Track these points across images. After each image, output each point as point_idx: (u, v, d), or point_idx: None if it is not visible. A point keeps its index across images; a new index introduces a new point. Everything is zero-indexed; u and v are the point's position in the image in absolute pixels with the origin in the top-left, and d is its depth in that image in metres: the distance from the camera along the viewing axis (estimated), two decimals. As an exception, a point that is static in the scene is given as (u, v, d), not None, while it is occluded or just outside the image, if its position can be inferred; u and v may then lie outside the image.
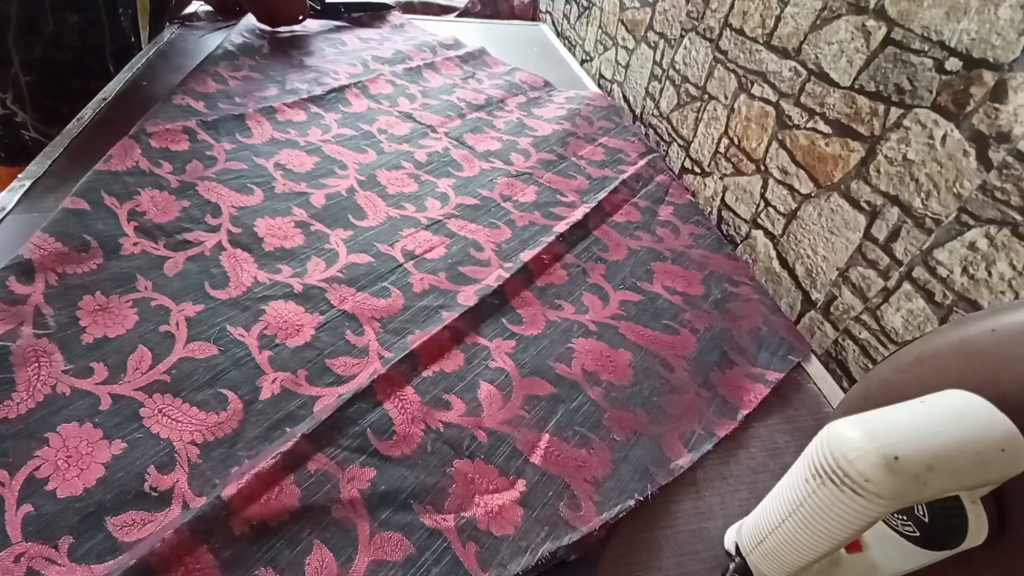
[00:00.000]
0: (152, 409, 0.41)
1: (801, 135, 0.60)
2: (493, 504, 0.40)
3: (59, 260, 0.49)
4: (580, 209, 0.69)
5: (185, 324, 0.48)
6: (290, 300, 0.52)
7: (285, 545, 0.36)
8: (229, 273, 0.53)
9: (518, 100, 0.97)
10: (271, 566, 0.35)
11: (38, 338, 0.44)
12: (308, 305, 0.52)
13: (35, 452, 0.38)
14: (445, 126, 0.85)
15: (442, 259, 0.60)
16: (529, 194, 0.73)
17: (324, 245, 0.59)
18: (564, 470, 0.43)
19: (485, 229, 0.65)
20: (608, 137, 0.89)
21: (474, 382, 0.48)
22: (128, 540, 0.35)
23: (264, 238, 0.58)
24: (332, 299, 0.53)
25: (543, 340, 0.53)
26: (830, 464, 0.25)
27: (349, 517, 0.38)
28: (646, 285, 0.61)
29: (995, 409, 0.25)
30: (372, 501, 0.39)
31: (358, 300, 0.53)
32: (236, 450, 0.40)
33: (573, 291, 0.59)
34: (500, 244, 0.64)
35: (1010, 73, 0.40)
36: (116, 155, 0.61)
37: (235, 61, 0.89)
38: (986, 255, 0.42)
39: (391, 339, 0.50)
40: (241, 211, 0.60)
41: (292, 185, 0.66)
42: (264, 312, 0.50)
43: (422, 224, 0.64)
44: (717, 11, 0.74)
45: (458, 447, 0.43)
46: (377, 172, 0.71)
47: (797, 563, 0.30)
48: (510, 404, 0.47)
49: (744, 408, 0.50)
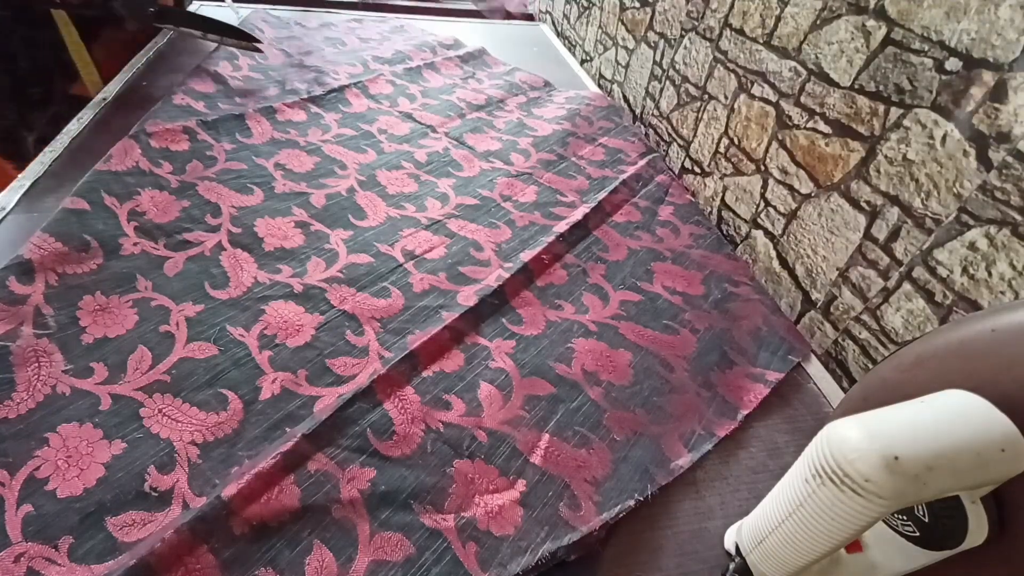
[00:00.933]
0: (152, 409, 0.42)
1: (801, 135, 0.60)
2: (493, 504, 0.40)
3: (59, 260, 0.49)
4: (580, 209, 0.69)
5: (185, 324, 0.48)
6: (290, 300, 0.52)
7: (285, 545, 0.36)
8: (229, 273, 0.53)
9: (518, 100, 0.97)
10: (271, 566, 0.35)
11: (38, 338, 0.44)
12: (308, 305, 0.52)
13: (35, 452, 0.38)
14: (445, 126, 0.85)
15: (442, 259, 0.60)
16: (529, 194, 0.73)
17: (324, 245, 0.59)
18: (564, 470, 0.43)
19: (485, 229, 0.65)
20: (608, 137, 0.89)
21: (474, 382, 0.48)
22: (128, 540, 0.35)
23: (264, 238, 0.58)
24: (332, 299, 0.53)
25: (543, 340, 0.53)
26: (830, 464, 0.25)
27: (349, 517, 0.38)
28: (646, 285, 0.62)
29: (995, 409, 0.25)
30: (372, 501, 0.39)
31: (358, 300, 0.53)
32: (236, 450, 0.41)
33: (573, 291, 0.59)
34: (500, 244, 0.64)
35: (1010, 73, 0.40)
36: (116, 155, 0.61)
37: (235, 61, 0.89)
38: (986, 255, 0.42)
39: (391, 339, 0.50)
40: (241, 211, 0.60)
41: (292, 185, 0.66)
42: (264, 312, 0.50)
43: (422, 224, 0.64)
44: (717, 11, 0.74)
45: (458, 447, 0.43)
46: (377, 172, 0.71)
47: (797, 563, 0.30)
48: (510, 404, 0.47)
49: (744, 408, 0.50)
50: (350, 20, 1.18)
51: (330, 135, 0.77)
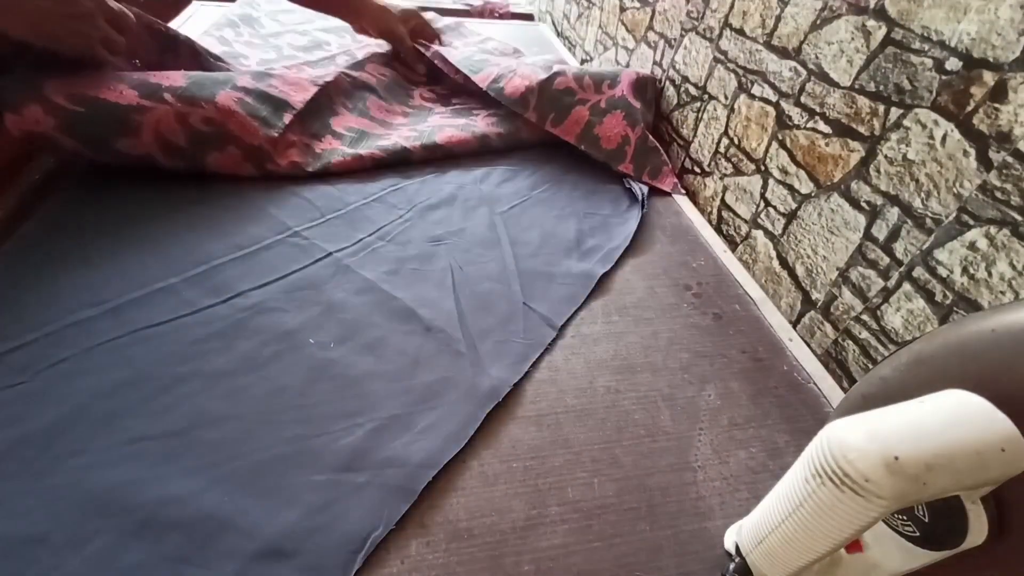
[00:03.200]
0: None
1: (801, 135, 0.60)
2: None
3: None
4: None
5: None
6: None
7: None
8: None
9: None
10: None
11: None
12: None
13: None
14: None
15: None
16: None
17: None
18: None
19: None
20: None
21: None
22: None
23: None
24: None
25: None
26: (830, 464, 0.25)
27: None
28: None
29: (995, 409, 0.25)
30: None
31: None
32: None
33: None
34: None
35: (1010, 73, 0.40)
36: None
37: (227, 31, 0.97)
38: (986, 255, 0.42)
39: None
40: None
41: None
42: None
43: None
44: (717, 11, 0.74)
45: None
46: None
47: (797, 563, 0.30)
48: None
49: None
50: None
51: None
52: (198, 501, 0.37)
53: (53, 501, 0.36)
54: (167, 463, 0.39)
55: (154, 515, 0.36)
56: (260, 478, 0.39)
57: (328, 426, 0.43)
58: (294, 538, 0.36)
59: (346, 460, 0.41)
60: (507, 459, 0.44)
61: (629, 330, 0.57)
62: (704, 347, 0.56)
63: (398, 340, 0.51)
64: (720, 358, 0.55)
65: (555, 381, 0.50)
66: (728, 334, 0.58)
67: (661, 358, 0.54)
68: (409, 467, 0.41)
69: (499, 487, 0.42)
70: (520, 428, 0.46)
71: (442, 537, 0.38)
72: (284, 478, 0.39)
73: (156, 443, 0.40)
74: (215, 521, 0.36)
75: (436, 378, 0.48)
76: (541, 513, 0.41)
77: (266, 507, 0.37)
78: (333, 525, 0.37)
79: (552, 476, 0.43)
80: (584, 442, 0.46)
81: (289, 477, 0.39)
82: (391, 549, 0.37)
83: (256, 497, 0.38)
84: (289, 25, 1.10)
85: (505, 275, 0.59)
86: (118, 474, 0.38)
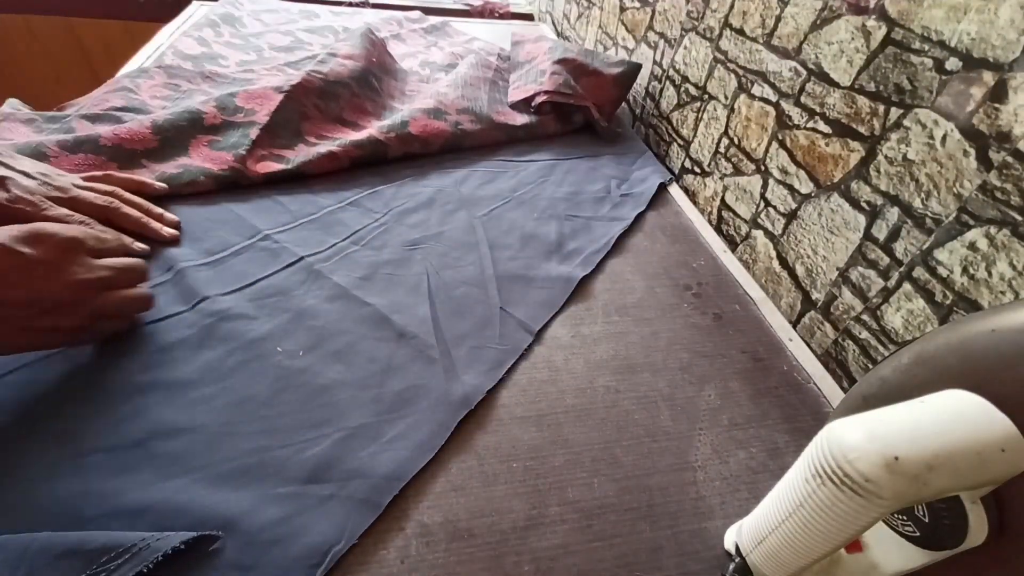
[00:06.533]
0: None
1: (801, 135, 0.60)
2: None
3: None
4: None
5: None
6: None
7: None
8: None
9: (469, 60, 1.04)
10: None
11: None
12: None
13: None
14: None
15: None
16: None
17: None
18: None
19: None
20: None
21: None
22: None
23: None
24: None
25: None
26: (830, 464, 0.25)
27: None
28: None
29: (995, 409, 0.25)
30: None
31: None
32: None
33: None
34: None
35: (1010, 73, 0.40)
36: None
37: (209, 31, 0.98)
38: (986, 255, 0.42)
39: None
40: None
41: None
42: None
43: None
44: (717, 11, 0.74)
45: None
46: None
47: (797, 563, 0.30)
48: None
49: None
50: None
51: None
52: (152, 515, 0.35)
53: (1, 514, 0.34)
54: (120, 475, 0.37)
55: (105, 528, 0.34)
56: (219, 491, 0.37)
57: (293, 437, 0.41)
58: (252, 552, 0.35)
59: (311, 471, 0.39)
60: (507, 459, 0.44)
61: (629, 330, 0.57)
62: (704, 347, 0.56)
63: (369, 347, 0.49)
64: (720, 358, 0.55)
65: (555, 381, 0.50)
66: (728, 334, 0.58)
67: (661, 358, 0.54)
68: (375, 478, 0.40)
69: (499, 487, 0.42)
70: (520, 428, 0.46)
71: (442, 537, 0.38)
72: (245, 490, 0.38)
73: (109, 455, 0.38)
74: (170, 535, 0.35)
75: (407, 386, 0.46)
76: (541, 513, 0.41)
77: (224, 520, 0.36)
78: (294, 538, 0.36)
79: (552, 476, 0.43)
80: (584, 442, 0.46)
81: (250, 489, 0.38)
82: (391, 549, 0.37)
83: (214, 510, 0.36)
84: (272, 25, 1.09)
85: (482, 279, 0.58)
86: (68, 486, 0.36)
